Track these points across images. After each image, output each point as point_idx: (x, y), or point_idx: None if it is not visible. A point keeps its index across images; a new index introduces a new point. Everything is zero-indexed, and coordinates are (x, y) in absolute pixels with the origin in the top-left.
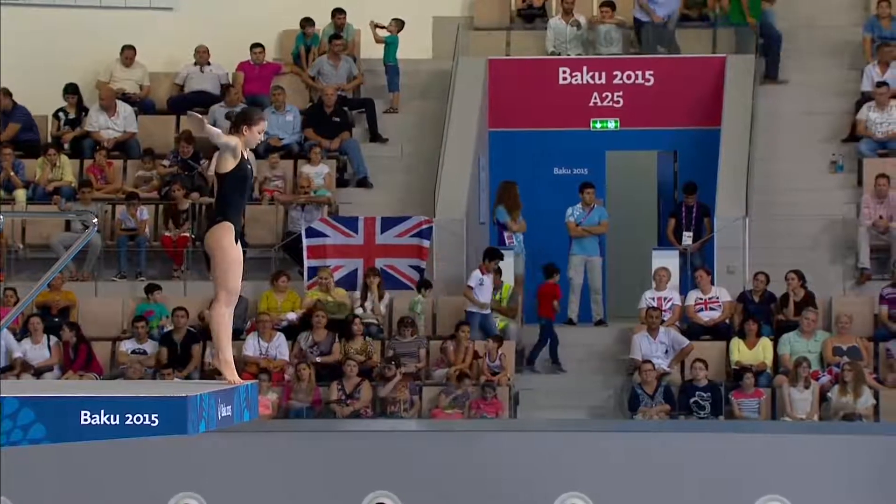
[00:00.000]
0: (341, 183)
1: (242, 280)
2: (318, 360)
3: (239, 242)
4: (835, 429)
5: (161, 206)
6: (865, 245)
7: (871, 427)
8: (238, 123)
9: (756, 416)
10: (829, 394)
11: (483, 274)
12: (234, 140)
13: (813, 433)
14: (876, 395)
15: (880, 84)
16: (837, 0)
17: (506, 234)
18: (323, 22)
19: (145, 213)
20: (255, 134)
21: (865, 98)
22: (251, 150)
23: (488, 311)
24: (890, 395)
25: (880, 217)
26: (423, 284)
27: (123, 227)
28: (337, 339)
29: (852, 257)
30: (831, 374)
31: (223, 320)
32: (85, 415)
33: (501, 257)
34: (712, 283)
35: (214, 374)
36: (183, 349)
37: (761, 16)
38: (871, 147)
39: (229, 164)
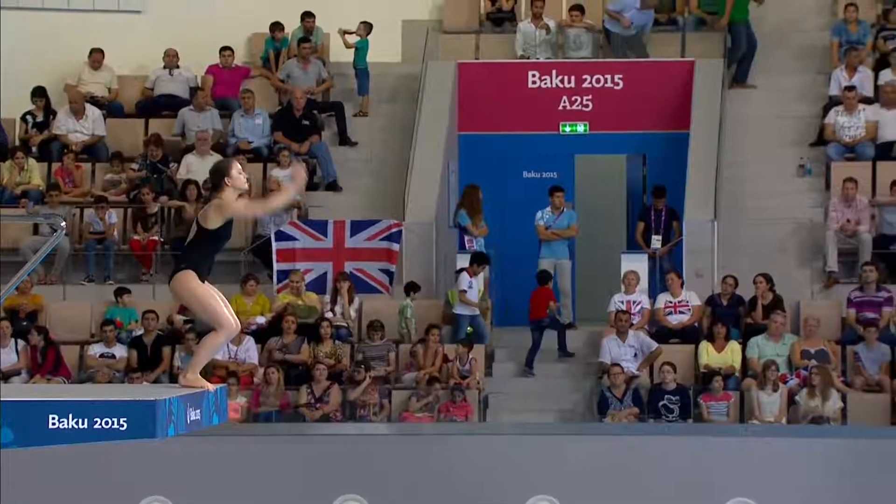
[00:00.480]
0: (311, 186)
1: (213, 283)
2: (287, 357)
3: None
4: (802, 432)
5: (129, 210)
6: (833, 249)
7: (839, 430)
8: (217, 181)
9: (724, 419)
10: (796, 397)
11: (471, 277)
12: (234, 205)
13: (781, 436)
14: (843, 399)
15: (848, 88)
16: (805, 5)
17: (466, 238)
18: (292, 25)
19: (114, 216)
20: (238, 178)
21: (833, 102)
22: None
23: (477, 313)
24: (857, 399)
25: (848, 221)
26: (411, 288)
27: (92, 230)
28: (306, 343)
29: (820, 261)
30: (799, 378)
31: (214, 349)
32: (53, 419)
33: (489, 261)
34: (682, 286)
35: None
36: (153, 352)
37: (747, 17)
38: (838, 151)
39: (217, 222)
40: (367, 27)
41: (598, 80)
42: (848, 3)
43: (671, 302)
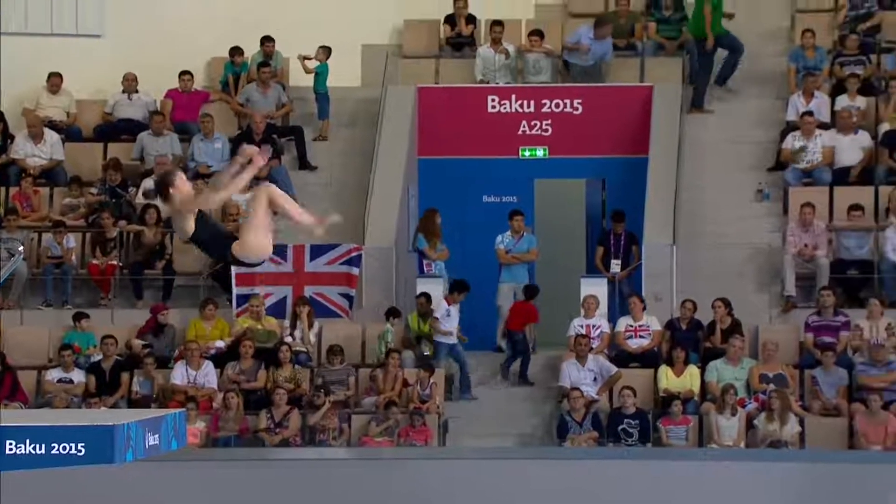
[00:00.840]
0: None
1: (171, 308)
2: (245, 386)
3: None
4: (761, 456)
5: (88, 234)
6: (791, 273)
7: (797, 454)
8: (164, 192)
9: (683, 444)
10: (755, 421)
11: (449, 305)
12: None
13: (739, 460)
14: (801, 423)
15: (805, 114)
16: (762, 30)
17: (425, 262)
18: (251, 49)
19: (72, 240)
20: (182, 186)
21: (790, 127)
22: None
23: (455, 341)
24: (815, 423)
25: (805, 245)
26: (391, 313)
27: (50, 254)
28: (264, 368)
29: (778, 285)
30: (758, 402)
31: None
32: (10, 444)
33: (468, 289)
34: (644, 310)
35: (146, 400)
36: (111, 378)
37: (724, 30)
38: (796, 176)
39: (187, 229)
40: (327, 52)
41: (557, 105)
42: (805, 28)
43: (632, 326)
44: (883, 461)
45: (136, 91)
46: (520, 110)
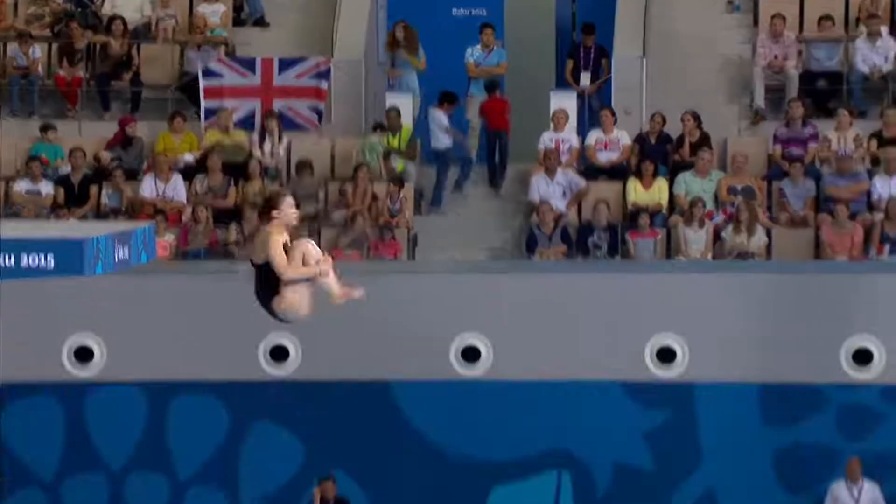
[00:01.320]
0: (238, 23)
1: (140, 121)
2: (214, 204)
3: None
4: (728, 267)
5: (55, 45)
6: (760, 85)
7: (763, 265)
8: (265, 211)
9: (651, 256)
10: (722, 233)
11: (446, 113)
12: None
13: (707, 272)
14: (769, 234)
15: None
16: None
17: (392, 75)
18: None
19: (38, 51)
20: (287, 213)
21: None
22: None
23: (451, 143)
24: (782, 234)
25: (775, 57)
26: (377, 126)
27: (16, 65)
28: (234, 183)
29: (747, 97)
30: (725, 214)
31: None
32: None
33: (457, 100)
34: (615, 123)
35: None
36: (80, 190)
37: None
38: None
39: (261, 258)
40: None
41: None
42: None
43: (602, 139)
44: (848, 271)
45: None
46: None
